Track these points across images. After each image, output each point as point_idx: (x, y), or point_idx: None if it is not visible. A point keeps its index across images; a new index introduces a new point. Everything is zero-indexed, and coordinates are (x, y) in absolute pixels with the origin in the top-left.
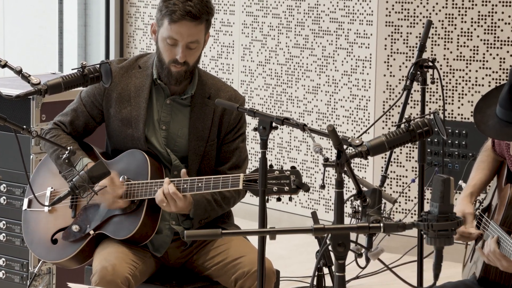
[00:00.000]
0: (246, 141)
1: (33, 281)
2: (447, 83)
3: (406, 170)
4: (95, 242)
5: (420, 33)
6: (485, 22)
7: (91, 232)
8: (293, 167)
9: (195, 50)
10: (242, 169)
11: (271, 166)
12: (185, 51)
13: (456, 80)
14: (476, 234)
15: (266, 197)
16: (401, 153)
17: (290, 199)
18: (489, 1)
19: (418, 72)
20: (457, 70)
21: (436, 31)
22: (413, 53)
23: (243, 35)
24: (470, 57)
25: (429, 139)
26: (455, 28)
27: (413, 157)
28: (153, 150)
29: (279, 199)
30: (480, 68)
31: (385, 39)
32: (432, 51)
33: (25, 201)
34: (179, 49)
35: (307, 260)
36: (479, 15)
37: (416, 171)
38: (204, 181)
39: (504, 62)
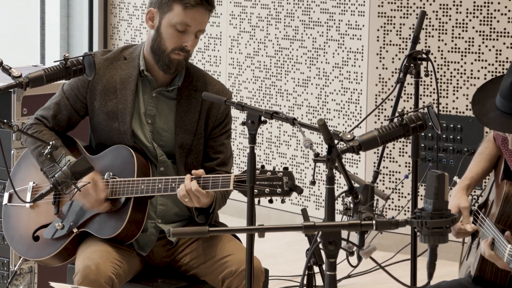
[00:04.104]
0: (233, 136)
1: (13, 280)
2: (441, 75)
3: (399, 165)
4: (78, 240)
5: (413, 24)
6: (481, 13)
7: (75, 230)
8: (285, 168)
9: (198, 39)
10: (228, 166)
11: (263, 166)
12: (193, 39)
13: (451, 72)
14: (472, 230)
15: (258, 199)
16: (394, 148)
17: (283, 201)
18: None
19: (412, 65)
20: (451, 62)
21: (430, 22)
22: (406, 45)
23: (230, 26)
24: (465, 49)
25: (423, 134)
26: (450, 19)
27: (406, 152)
28: (139, 144)
29: (271, 201)
30: (475, 60)
31: (378, 30)
32: (426, 43)
33: (5, 195)
34: (189, 36)
35: (297, 258)
36: (474, 6)
37: (409, 166)
38: (202, 180)
39: (500, 54)
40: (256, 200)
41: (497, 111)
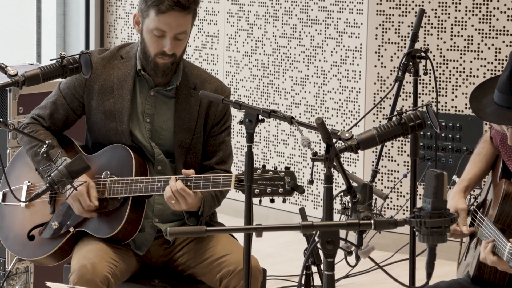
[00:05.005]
0: (232, 135)
1: (9, 279)
2: (440, 74)
3: (398, 164)
4: (74, 239)
5: (412, 22)
6: (480, 11)
7: (71, 229)
8: (287, 168)
9: (183, 41)
10: (227, 164)
11: (264, 166)
12: (173, 43)
13: (450, 71)
14: (469, 232)
15: (260, 198)
16: (392, 147)
17: (284, 200)
18: None
19: (410, 63)
20: (450, 60)
21: (429, 20)
22: (405, 43)
23: (228, 25)
24: (464, 47)
25: (421, 133)
26: (449, 17)
27: (405, 151)
28: (137, 144)
29: (272, 201)
30: (474, 58)
31: (376, 28)
32: (424, 41)
33: None
34: (167, 41)
35: (295, 258)
36: (473, 4)
37: (408, 165)
38: (193, 180)
39: (499, 52)
40: (257, 199)
41: (494, 105)
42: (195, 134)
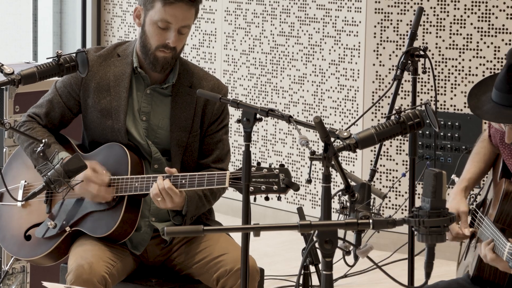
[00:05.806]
0: (229, 134)
1: (5, 279)
2: (439, 72)
3: (397, 163)
4: (71, 239)
5: (411, 21)
6: (479, 9)
7: (67, 228)
8: (282, 165)
9: (185, 35)
10: (225, 163)
11: (259, 163)
12: (176, 36)
13: (449, 69)
14: (470, 234)
15: (254, 196)
16: (391, 146)
17: (279, 198)
18: None
19: (409, 61)
20: (449, 59)
21: (427, 18)
22: (403, 42)
23: (226, 23)
24: (463, 45)
25: (420, 132)
26: (448, 15)
27: (403, 150)
28: (133, 142)
29: (267, 198)
30: (473, 57)
31: (375, 26)
32: (423, 39)
33: None
34: (172, 33)
35: (293, 258)
36: (472, 2)
37: (406, 165)
38: (188, 178)
39: (498, 51)
40: (252, 197)
41: (491, 103)
42: (192, 133)
